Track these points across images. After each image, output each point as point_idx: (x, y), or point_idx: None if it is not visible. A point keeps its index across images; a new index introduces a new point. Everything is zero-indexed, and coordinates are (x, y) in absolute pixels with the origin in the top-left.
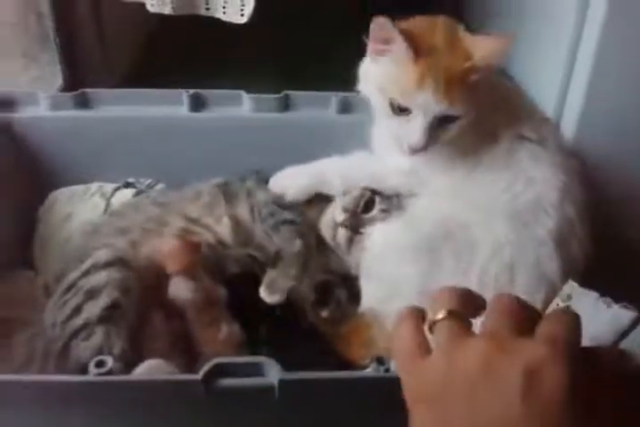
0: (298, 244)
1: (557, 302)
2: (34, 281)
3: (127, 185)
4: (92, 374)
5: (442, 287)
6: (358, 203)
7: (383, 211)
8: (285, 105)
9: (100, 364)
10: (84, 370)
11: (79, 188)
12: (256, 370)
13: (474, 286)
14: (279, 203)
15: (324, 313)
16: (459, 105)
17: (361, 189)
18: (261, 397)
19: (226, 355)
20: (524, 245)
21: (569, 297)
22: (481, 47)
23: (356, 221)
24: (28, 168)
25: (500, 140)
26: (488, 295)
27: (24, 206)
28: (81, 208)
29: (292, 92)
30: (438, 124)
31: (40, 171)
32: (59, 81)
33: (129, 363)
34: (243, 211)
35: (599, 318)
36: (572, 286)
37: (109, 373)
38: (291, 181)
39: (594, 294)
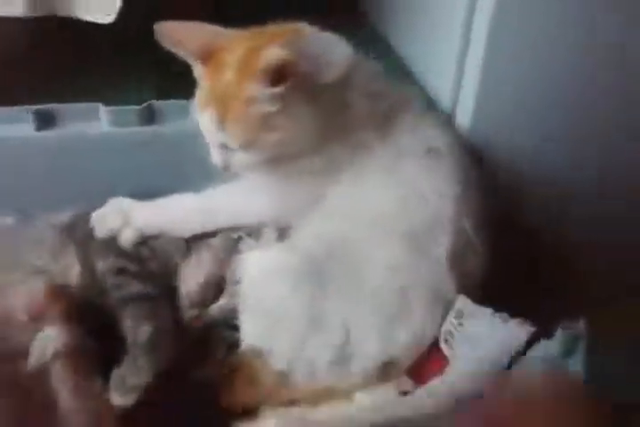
0: (146, 330)
1: (450, 320)
2: None
3: None
4: None
5: None
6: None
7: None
8: (150, 117)
9: None
10: None
11: None
12: None
13: (365, 316)
14: (127, 268)
15: (198, 374)
16: (239, 137)
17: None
18: None
19: (101, 417)
20: (418, 267)
21: (461, 313)
22: (263, 64)
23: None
24: None
25: (381, 155)
26: (380, 323)
27: None
28: None
29: (157, 102)
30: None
31: None
32: None
33: None
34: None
35: (494, 335)
36: (464, 302)
37: None
38: (126, 222)
39: (487, 310)
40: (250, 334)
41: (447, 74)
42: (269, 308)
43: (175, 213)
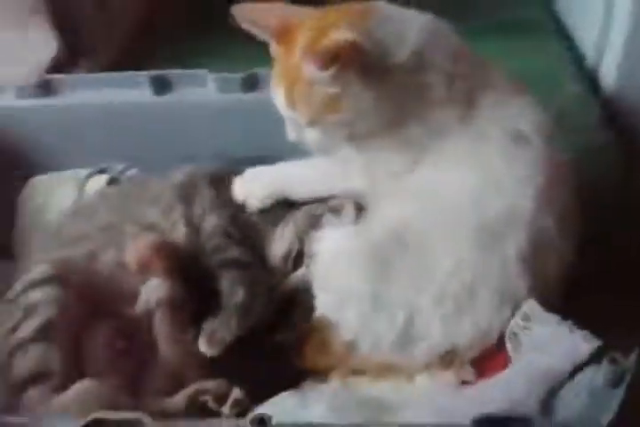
0: (241, 293)
1: (517, 321)
2: (12, 270)
3: (101, 171)
4: None
5: None
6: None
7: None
8: (251, 85)
9: None
10: (24, 385)
11: (54, 175)
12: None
13: (431, 304)
14: (231, 234)
15: (278, 337)
16: (305, 116)
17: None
18: None
19: (190, 361)
20: (488, 264)
21: (527, 317)
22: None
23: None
24: (4, 156)
25: (460, 139)
26: (445, 313)
27: (5, 194)
28: (55, 197)
29: (260, 71)
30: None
31: (17, 159)
32: (53, 49)
33: (69, 378)
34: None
35: (558, 344)
36: (531, 306)
37: None
38: (252, 190)
39: (554, 318)
40: (321, 304)
41: (593, 27)
42: (338, 284)
43: (290, 180)
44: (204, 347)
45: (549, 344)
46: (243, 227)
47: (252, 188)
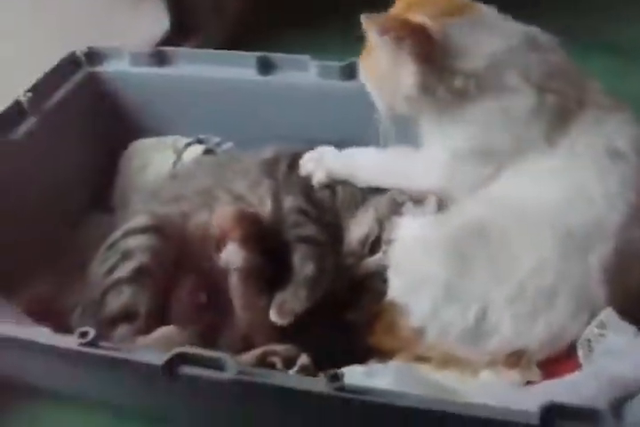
0: (311, 268)
1: (592, 328)
2: (112, 223)
3: (199, 141)
4: (76, 344)
5: None
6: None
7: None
8: (350, 73)
9: (83, 335)
10: (112, 322)
11: (156, 140)
12: (217, 364)
13: (505, 302)
14: (308, 212)
15: (349, 316)
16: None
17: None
18: (218, 389)
19: (261, 326)
20: (570, 270)
21: (603, 325)
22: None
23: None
24: (112, 117)
25: (551, 151)
26: (520, 312)
27: (108, 152)
28: (155, 160)
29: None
30: None
31: (123, 121)
32: (164, 26)
33: (153, 322)
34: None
35: (632, 355)
36: (609, 315)
37: (90, 344)
38: (320, 166)
39: (631, 329)
40: (394, 289)
41: None
42: (413, 272)
43: (360, 165)
44: (274, 316)
45: (624, 353)
46: (320, 207)
47: (320, 166)
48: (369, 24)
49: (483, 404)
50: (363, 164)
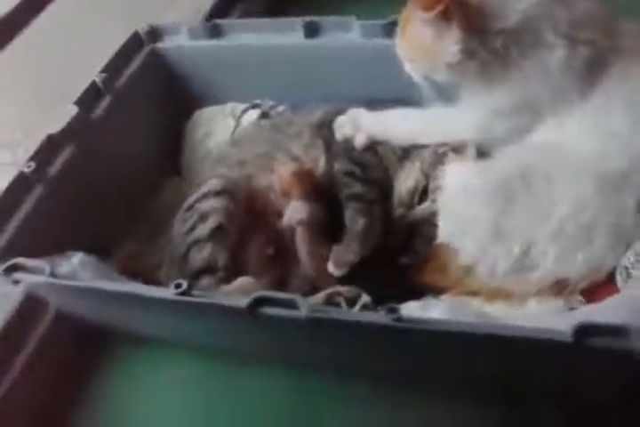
0: (361, 223)
1: (628, 256)
2: (182, 188)
3: (254, 106)
4: (171, 293)
5: None
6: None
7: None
8: (393, 30)
9: (178, 286)
10: (197, 275)
11: (216, 108)
12: (291, 304)
13: (547, 239)
14: (354, 172)
15: (403, 260)
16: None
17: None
18: (293, 326)
19: (324, 272)
20: (607, 210)
21: (639, 253)
22: None
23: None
24: (176, 90)
25: (586, 104)
26: (561, 248)
27: (175, 123)
28: (217, 127)
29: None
30: None
31: (186, 92)
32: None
33: (231, 274)
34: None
35: None
36: None
37: (184, 293)
38: (358, 130)
39: None
40: (444, 233)
41: None
42: (462, 215)
43: (397, 126)
44: (331, 268)
45: None
46: (365, 166)
47: (358, 129)
48: (415, 2)
49: (520, 325)
50: (400, 125)
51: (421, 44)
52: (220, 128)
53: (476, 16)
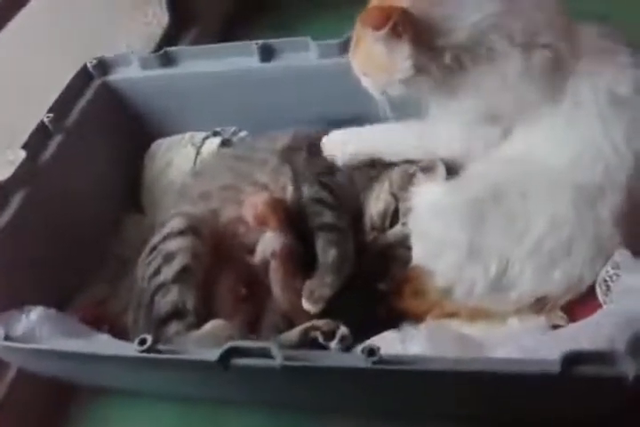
0: (333, 254)
1: (607, 269)
2: (144, 224)
3: (215, 134)
4: (135, 351)
5: None
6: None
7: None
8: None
9: (142, 342)
10: (164, 321)
11: (175, 138)
12: (265, 353)
13: (523, 257)
14: (324, 199)
15: (381, 286)
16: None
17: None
18: (268, 374)
19: (299, 306)
20: (584, 224)
21: (617, 265)
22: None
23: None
24: (131, 123)
25: (554, 107)
26: (539, 265)
27: (132, 156)
28: (177, 157)
29: None
30: None
31: (141, 124)
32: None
33: (201, 317)
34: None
35: None
36: (622, 255)
37: (149, 350)
38: (341, 148)
39: None
40: (418, 255)
41: None
42: (434, 236)
43: (382, 143)
44: (306, 305)
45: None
46: (337, 191)
47: (341, 147)
48: (364, 22)
49: (506, 359)
50: (386, 141)
51: (374, 61)
52: (181, 157)
53: (425, 32)
